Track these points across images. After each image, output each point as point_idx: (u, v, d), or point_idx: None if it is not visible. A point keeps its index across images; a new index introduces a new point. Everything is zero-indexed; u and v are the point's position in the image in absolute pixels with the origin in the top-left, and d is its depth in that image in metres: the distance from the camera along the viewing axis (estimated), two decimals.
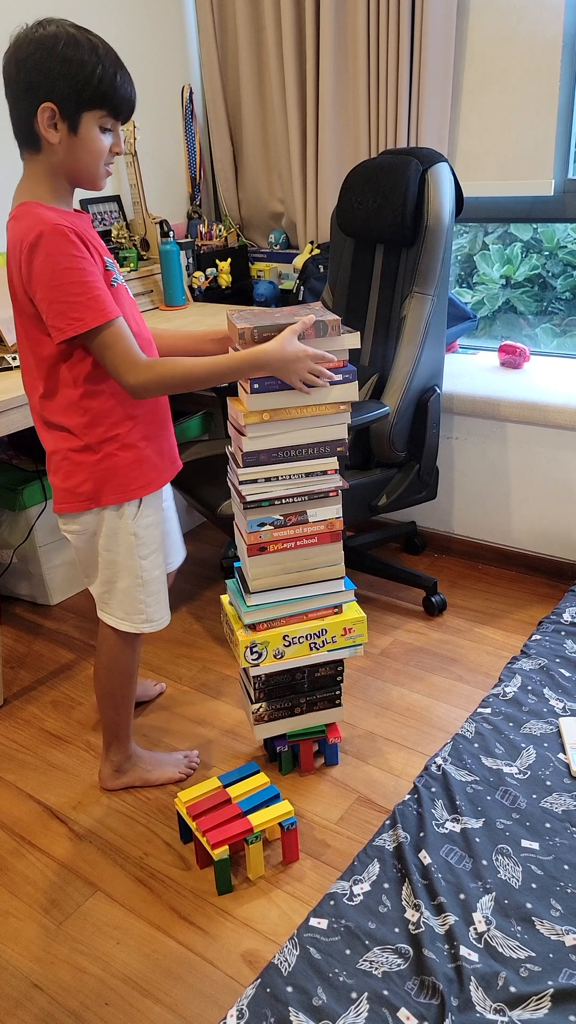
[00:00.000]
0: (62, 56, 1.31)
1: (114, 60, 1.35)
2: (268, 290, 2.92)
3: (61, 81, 1.32)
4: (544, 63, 2.32)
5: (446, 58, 2.40)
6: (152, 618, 1.68)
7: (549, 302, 2.72)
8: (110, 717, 1.78)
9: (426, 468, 2.32)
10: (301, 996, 1.24)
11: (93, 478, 1.53)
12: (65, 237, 1.33)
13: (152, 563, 1.64)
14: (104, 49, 1.35)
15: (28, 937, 1.53)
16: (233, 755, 1.95)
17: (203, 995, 1.40)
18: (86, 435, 1.50)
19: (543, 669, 1.95)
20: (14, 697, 2.21)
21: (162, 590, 1.69)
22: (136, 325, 1.51)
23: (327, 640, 1.73)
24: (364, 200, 2.22)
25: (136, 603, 1.65)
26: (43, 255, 1.33)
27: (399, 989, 1.24)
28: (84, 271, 1.35)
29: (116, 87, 1.36)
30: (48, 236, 1.33)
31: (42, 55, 1.31)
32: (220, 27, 2.91)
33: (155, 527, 1.64)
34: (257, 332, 1.48)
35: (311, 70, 2.65)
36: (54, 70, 1.31)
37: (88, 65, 1.32)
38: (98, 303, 1.36)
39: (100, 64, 1.33)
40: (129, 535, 1.59)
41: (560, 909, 1.36)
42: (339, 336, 1.53)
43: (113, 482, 1.54)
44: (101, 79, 1.33)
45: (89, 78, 1.32)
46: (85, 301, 1.35)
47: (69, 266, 1.34)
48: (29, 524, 2.47)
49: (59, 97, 1.33)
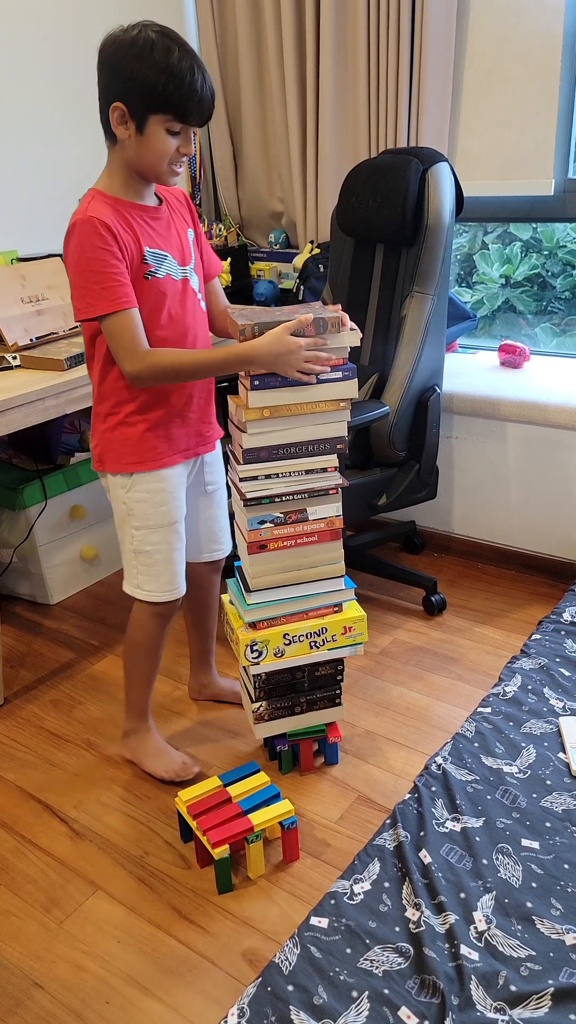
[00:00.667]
0: (135, 59, 1.39)
1: (187, 68, 1.40)
2: (268, 289, 2.92)
3: (131, 83, 1.40)
4: (544, 63, 2.32)
5: (446, 58, 2.40)
6: (143, 586, 1.73)
7: (549, 301, 2.72)
8: (126, 682, 1.85)
9: (426, 467, 2.32)
10: (302, 995, 1.24)
11: (102, 444, 1.67)
12: (94, 228, 1.44)
13: (144, 537, 1.68)
14: (180, 55, 1.40)
15: (29, 936, 1.53)
16: (233, 754, 1.95)
17: (204, 994, 1.40)
18: (100, 404, 1.65)
19: (543, 668, 1.95)
20: (14, 696, 2.21)
21: (160, 565, 1.71)
22: (177, 321, 1.59)
23: (327, 639, 1.73)
24: (364, 199, 2.23)
25: (131, 567, 1.73)
26: (74, 242, 1.47)
27: (400, 988, 1.24)
28: (104, 262, 1.45)
29: (184, 93, 1.41)
30: (80, 225, 1.46)
31: (118, 57, 1.41)
32: (220, 26, 2.91)
33: (149, 504, 1.66)
34: (258, 328, 1.49)
35: (311, 69, 2.65)
36: (125, 72, 1.40)
37: (157, 70, 1.38)
38: (110, 292, 1.46)
39: (170, 70, 1.38)
40: (121, 503, 1.69)
41: (560, 908, 1.36)
42: (339, 333, 1.53)
43: (112, 452, 1.65)
44: (167, 85, 1.39)
45: (155, 83, 1.39)
46: (98, 290, 1.46)
47: (92, 256, 1.45)
48: (29, 523, 2.47)
49: (128, 98, 1.42)
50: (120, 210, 1.50)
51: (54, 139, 2.65)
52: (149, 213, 1.55)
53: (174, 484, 1.69)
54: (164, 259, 1.56)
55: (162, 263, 1.55)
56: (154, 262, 1.54)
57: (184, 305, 1.61)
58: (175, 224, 1.62)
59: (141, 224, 1.53)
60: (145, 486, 1.66)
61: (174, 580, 1.74)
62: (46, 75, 2.58)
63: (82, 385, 2.08)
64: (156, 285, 1.55)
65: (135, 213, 1.52)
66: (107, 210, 1.47)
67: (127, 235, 1.49)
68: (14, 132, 2.54)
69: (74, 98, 2.67)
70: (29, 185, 2.61)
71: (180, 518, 1.72)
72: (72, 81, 2.65)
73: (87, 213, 1.45)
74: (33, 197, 2.63)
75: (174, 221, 1.62)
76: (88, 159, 2.77)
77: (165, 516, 1.68)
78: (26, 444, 2.57)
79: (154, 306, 1.55)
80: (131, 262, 1.50)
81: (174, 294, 1.58)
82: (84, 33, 2.64)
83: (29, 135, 2.58)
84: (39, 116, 2.59)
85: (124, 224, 1.49)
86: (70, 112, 2.67)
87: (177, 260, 1.59)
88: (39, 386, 1.98)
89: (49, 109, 2.62)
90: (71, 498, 2.59)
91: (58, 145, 2.66)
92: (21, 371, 2.11)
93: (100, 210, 1.46)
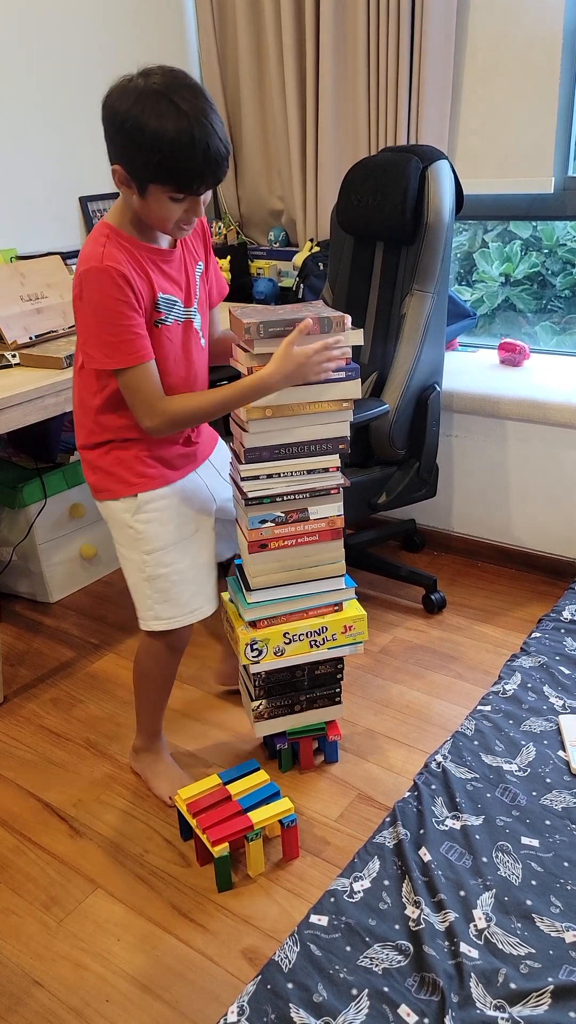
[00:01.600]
0: (129, 127, 1.29)
1: (189, 138, 1.28)
2: (268, 288, 2.91)
3: (128, 150, 1.32)
4: (544, 61, 2.32)
5: (446, 55, 2.40)
6: (161, 615, 1.66)
7: (549, 300, 2.72)
8: (137, 705, 1.82)
9: (426, 466, 2.32)
10: (302, 992, 1.24)
11: (97, 472, 1.62)
12: (111, 279, 1.39)
13: (159, 559, 1.63)
14: (180, 117, 1.27)
15: (28, 934, 1.53)
16: (233, 752, 1.95)
17: (204, 992, 1.40)
18: (92, 437, 1.60)
19: (543, 667, 1.95)
20: (14, 695, 2.21)
21: (178, 587, 1.65)
22: (180, 364, 1.56)
23: (327, 637, 1.73)
24: (364, 197, 2.22)
25: (144, 597, 1.66)
26: (89, 290, 1.40)
27: (399, 985, 1.24)
28: (123, 314, 1.41)
29: (185, 167, 1.31)
30: (95, 273, 1.39)
31: (115, 120, 1.31)
32: (220, 24, 2.91)
33: (157, 523, 1.61)
34: (263, 327, 1.48)
35: (311, 67, 2.65)
36: (124, 136, 1.31)
37: (152, 142, 1.28)
38: (128, 346, 1.43)
39: (170, 142, 1.28)
40: (127, 529, 1.63)
41: (560, 906, 1.36)
42: (342, 333, 1.53)
43: (111, 477, 1.60)
44: (164, 159, 1.29)
45: (151, 157, 1.30)
46: (116, 343, 1.42)
47: (110, 307, 1.40)
48: (29, 522, 2.47)
49: (126, 164, 1.34)
50: (135, 254, 1.44)
51: (54, 138, 2.64)
52: (163, 256, 1.49)
53: (179, 499, 1.64)
54: (174, 305, 1.52)
55: (172, 309, 1.51)
56: (165, 309, 1.50)
57: (187, 347, 1.57)
58: (185, 263, 1.55)
59: (154, 269, 1.47)
60: (152, 504, 1.60)
61: (195, 599, 1.66)
62: (46, 73, 2.58)
63: None
64: (165, 333, 1.51)
65: (148, 257, 1.46)
66: (123, 256, 1.41)
67: (142, 282, 1.44)
68: (13, 130, 2.53)
69: (74, 96, 2.67)
70: (28, 184, 2.61)
71: (192, 533, 1.66)
72: (73, 79, 2.65)
73: (104, 261, 1.38)
74: (32, 196, 2.62)
75: (185, 260, 1.55)
76: (88, 158, 2.78)
77: (174, 533, 1.63)
78: (25, 442, 2.57)
79: (161, 353, 1.51)
80: (145, 310, 1.46)
81: (177, 339, 1.55)
82: (85, 32, 2.64)
83: (28, 134, 2.58)
84: (38, 115, 2.59)
85: (139, 270, 1.44)
86: (70, 111, 2.67)
87: (183, 302, 1.54)
88: (38, 384, 1.98)
89: (49, 108, 2.61)
90: (71, 496, 2.58)
91: (58, 144, 2.66)
92: (20, 369, 2.11)
93: (116, 257, 1.40)
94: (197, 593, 1.67)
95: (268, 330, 1.48)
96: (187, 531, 1.65)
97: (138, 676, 1.77)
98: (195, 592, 1.67)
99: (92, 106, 2.71)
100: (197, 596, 1.67)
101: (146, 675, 1.76)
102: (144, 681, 1.77)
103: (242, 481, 1.59)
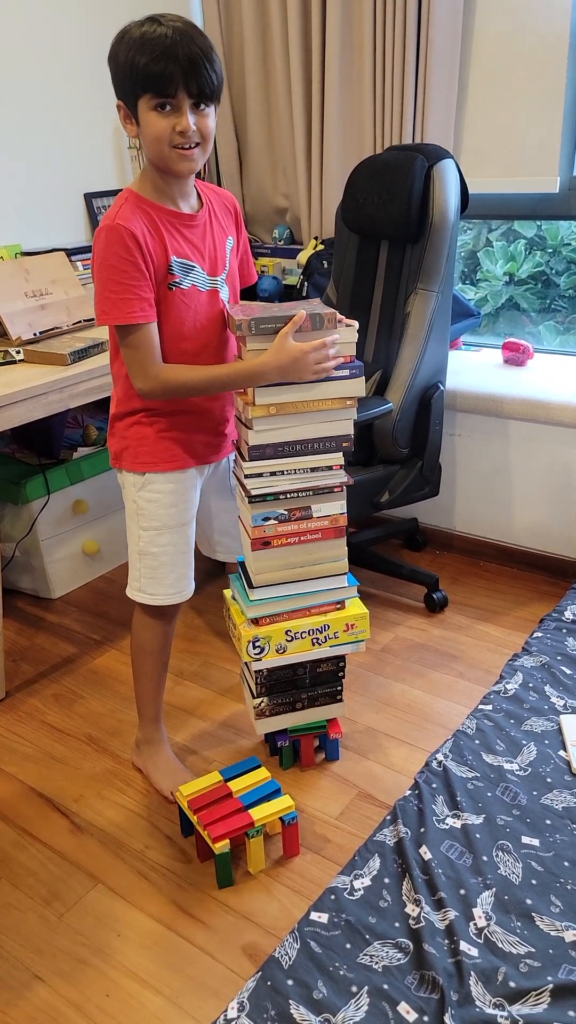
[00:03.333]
0: (114, 52, 1.38)
1: (160, 36, 1.33)
2: (272, 286, 2.91)
3: (116, 77, 1.39)
4: (550, 60, 2.32)
5: (452, 54, 2.40)
6: (145, 590, 1.71)
7: (553, 299, 2.72)
8: (136, 688, 1.84)
9: (429, 465, 2.32)
10: (302, 989, 1.25)
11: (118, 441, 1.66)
12: (119, 237, 1.42)
13: (152, 539, 1.67)
14: (156, 27, 1.34)
15: (29, 928, 1.54)
16: (234, 750, 1.95)
17: (204, 987, 1.41)
18: (119, 405, 1.63)
19: (544, 666, 1.95)
20: (16, 690, 2.21)
21: (165, 568, 1.69)
22: (201, 331, 1.57)
23: (329, 636, 1.73)
24: (369, 196, 2.22)
25: (135, 569, 1.71)
26: (99, 247, 1.45)
27: (399, 983, 1.25)
28: (125, 272, 1.43)
29: (157, 63, 1.34)
30: (107, 232, 1.43)
31: (112, 54, 1.39)
32: (225, 21, 2.90)
33: (159, 505, 1.65)
34: (254, 324, 1.48)
35: (317, 65, 2.64)
36: (114, 66, 1.39)
37: (128, 52, 1.35)
38: (127, 304, 1.44)
39: (141, 47, 1.33)
40: (132, 501, 1.68)
41: (560, 905, 1.36)
42: (334, 329, 1.52)
43: (128, 450, 1.64)
44: (134, 62, 1.34)
45: (127, 65, 1.35)
46: (116, 300, 1.44)
47: (114, 264, 1.43)
48: (31, 518, 2.48)
49: (120, 93, 1.41)
50: (152, 215, 1.47)
51: (59, 134, 2.64)
52: (183, 220, 1.51)
53: (186, 486, 1.67)
54: (191, 270, 1.52)
55: (188, 274, 1.52)
56: (180, 272, 1.50)
57: (210, 317, 1.57)
58: (212, 232, 1.57)
59: (171, 231, 1.49)
60: (157, 486, 1.64)
61: (179, 583, 1.71)
62: (51, 70, 2.58)
63: (85, 380, 2.09)
64: (180, 296, 1.51)
65: (166, 219, 1.49)
66: (136, 216, 1.44)
67: (155, 243, 1.46)
68: (19, 127, 2.53)
69: (80, 92, 2.66)
70: (33, 180, 2.61)
71: (189, 520, 1.71)
72: (77, 76, 2.65)
73: (115, 220, 1.42)
74: (37, 192, 2.62)
75: (212, 229, 1.57)
76: (93, 154, 2.78)
77: (174, 517, 1.67)
78: (29, 438, 2.58)
79: (177, 317, 1.53)
80: (156, 272, 1.48)
81: (199, 306, 1.55)
82: (89, 27, 2.63)
83: (33, 130, 2.58)
84: (43, 111, 2.59)
85: (153, 231, 1.46)
86: (75, 107, 2.67)
87: (206, 271, 1.55)
88: (42, 380, 1.99)
89: (54, 104, 2.61)
90: (73, 493, 2.59)
91: (63, 140, 2.66)
92: (24, 365, 2.12)
93: (128, 217, 1.43)
94: (181, 578, 1.72)
95: (260, 327, 1.48)
96: (186, 517, 1.69)
97: (135, 650, 1.80)
98: (180, 576, 1.72)
99: (97, 102, 2.71)
100: (181, 580, 1.72)
101: (141, 646, 1.78)
102: (140, 654, 1.79)
103: (246, 478, 1.59)
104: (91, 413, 2.78)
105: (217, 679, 2.20)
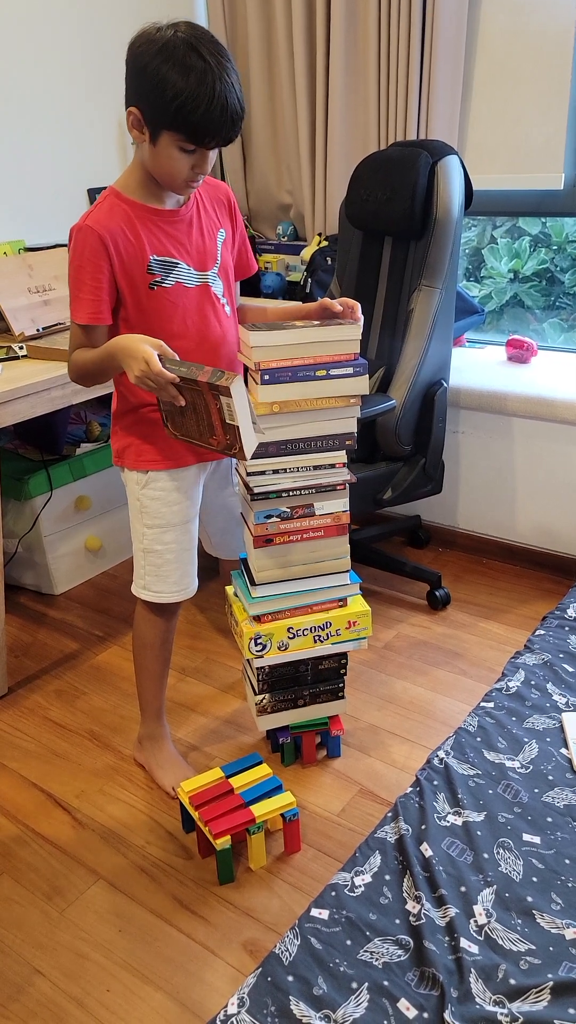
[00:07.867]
0: (152, 70, 1.31)
1: (208, 90, 1.30)
2: (275, 282, 2.91)
3: (147, 93, 1.34)
4: (555, 56, 2.31)
5: (457, 50, 2.39)
6: (150, 587, 1.72)
7: (557, 297, 2.71)
8: (138, 683, 1.84)
9: (432, 462, 2.31)
10: (302, 985, 1.25)
11: (120, 439, 1.67)
12: (85, 239, 1.43)
13: (156, 536, 1.68)
14: (204, 72, 1.29)
15: (31, 924, 1.54)
16: (236, 746, 1.95)
17: (204, 983, 1.41)
18: (120, 402, 1.65)
19: (546, 664, 1.95)
20: (18, 686, 2.21)
21: (170, 566, 1.70)
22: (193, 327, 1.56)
23: (331, 633, 1.73)
24: (373, 192, 2.22)
25: (140, 567, 1.72)
26: (71, 246, 1.47)
27: (399, 980, 1.25)
28: (84, 271, 1.45)
29: (200, 118, 1.32)
30: (75, 232, 1.45)
31: (143, 60, 1.33)
32: (230, 17, 2.90)
33: (162, 503, 1.66)
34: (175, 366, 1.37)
35: (321, 61, 2.64)
36: (144, 80, 1.33)
37: (175, 87, 1.30)
38: (77, 303, 1.48)
39: (188, 90, 1.29)
40: (135, 499, 1.68)
41: (560, 903, 1.36)
42: (341, 325, 1.52)
43: (130, 448, 1.65)
44: (182, 105, 1.31)
45: (170, 101, 1.31)
46: (73, 298, 1.49)
47: (78, 264, 1.46)
48: (34, 514, 2.48)
49: (143, 107, 1.37)
50: (131, 214, 1.46)
51: (62, 129, 2.64)
52: (164, 217, 1.49)
53: (188, 484, 1.67)
54: (174, 267, 1.51)
55: (171, 272, 1.51)
56: (160, 271, 1.49)
57: (202, 312, 1.56)
58: (200, 226, 1.55)
59: (151, 229, 1.48)
60: (159, 484, 1.65)
61: (183, 580, 1.72)
62: (55, 66, 2.58)
63: None
64: (164, 295, 1.51)
65: (147, 217, 1.47)
66: (111, 217, 1.44)
67: (129, 245, 1.45)
68: (22, 122, 2.53)
69: (83, 88, 2.66)
70: (37, 175, 2.60)
71: (192, 517, 1.71)
72: (81, 72, 2.64)
73: (86, 221, 1.43)
74: (41, 187, 2.62)
75: (200, 223, 1.55)
76: (96, 149, 2.78)
77: (177, 515, 1.67)
78: (32, 434, 2.58)
79: (164, 316, 1.52)
80: (134, 273, 1.47)
81: (188, 303, 1.54)
82: (95, 23, 2.63)
83: (37, 126, 2.57)
84: (47, 106, 2.59)
85: (130, 231, 1.45)
86: (78, 102, 2.66)
87: (193, 266, 1.53)
88: (45, 376, 1.99)
89: (57, 99, 2.61)
90: (76, 489, 2.59)
91: (66, 136, 2.66)
92: (28, 361, 2.12)
93: (100, 219, 1.43)
94: (185, 575, 1.73)
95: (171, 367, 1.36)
96: (189, 515, 1.69)
97: (137, 646, 1.80)
98: (184, 574, 1.72)
99: (100, 98, 2.71)
100: (185, 578, 1.73)
101: (143, 642, 1.78)
102: (142, 650, 1.79)
103: (248, 476, 1.59)
104: (94, 409, 2.78)
105: (219, 675, 2.21)
